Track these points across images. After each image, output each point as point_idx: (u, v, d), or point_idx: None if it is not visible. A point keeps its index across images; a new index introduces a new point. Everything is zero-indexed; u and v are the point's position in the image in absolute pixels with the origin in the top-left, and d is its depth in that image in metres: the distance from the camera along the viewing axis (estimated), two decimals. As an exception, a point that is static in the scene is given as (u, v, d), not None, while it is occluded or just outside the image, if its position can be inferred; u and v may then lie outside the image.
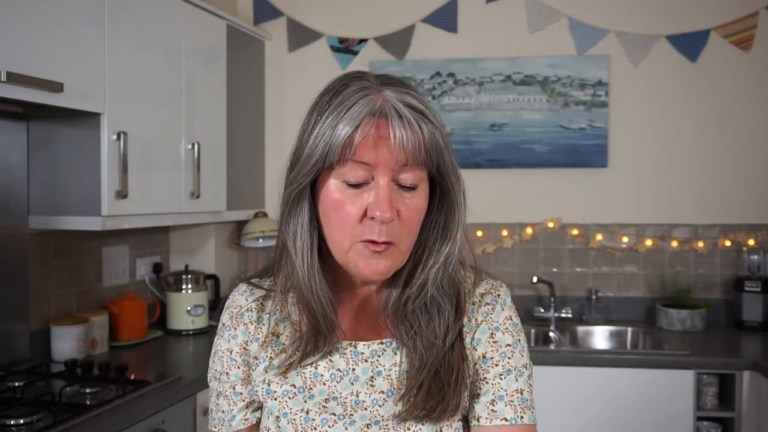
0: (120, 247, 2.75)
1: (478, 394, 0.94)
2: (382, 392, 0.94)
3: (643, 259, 3.16)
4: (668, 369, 2.55)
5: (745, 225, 3.09)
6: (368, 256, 0.88)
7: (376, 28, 3.27)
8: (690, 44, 3.08)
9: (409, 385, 0.91)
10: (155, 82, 2.41)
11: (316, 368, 0.95)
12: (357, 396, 0.94)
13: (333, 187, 0.88)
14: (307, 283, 0.91)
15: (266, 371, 0.96)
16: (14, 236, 2.23)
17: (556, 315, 3.09)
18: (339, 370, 0.94)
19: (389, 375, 0.94)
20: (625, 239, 3.16)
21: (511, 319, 0.98)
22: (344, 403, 0.94)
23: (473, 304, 0.98)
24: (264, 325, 0.98)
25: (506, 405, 0.93)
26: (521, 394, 0.94)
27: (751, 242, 3.05)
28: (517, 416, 0.93)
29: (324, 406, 0.94)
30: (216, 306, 3.06)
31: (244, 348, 0.99)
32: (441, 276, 0.92)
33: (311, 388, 0.94)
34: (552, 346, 2.87)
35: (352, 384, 0.94)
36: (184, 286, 2.88)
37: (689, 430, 2.52)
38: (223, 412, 1.01)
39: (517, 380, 0.95)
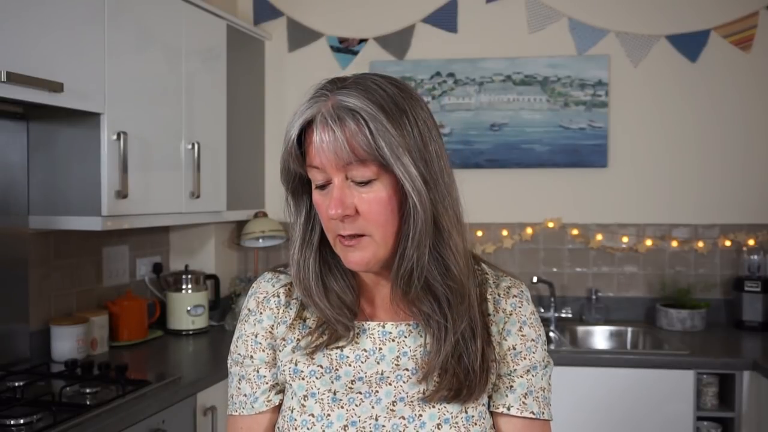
0: (120, 247, 2.75)
1: (512, 386, 1.00)
2: (407, 369, 0.98)
3: (643, 259, 3.16)
4: (668, 369, 2.55)
5: (745, 225, 3.09)
6: (344, 249, 0.95)
7: (376, 28, 3.27)
8: (690, 44, 3.08)
9: (430, 368, 0.95)
10: (155, 82, 2.41)
11: (341, 350, 0.99)
12: (382, 374, 0.98)
13: (314, 190, 0.95)
14: (302, 275, 0.99)
15: (293, 351, 1.00)
16: (14, 236, 2.23)
17: (556, 315, 3.09)
18: (365, 350, 0.99)
19: (414, 355, 0.98)
20: (625, 239, 3.16)
21: (535, 314, 1.04)
22: (369, 381, 0.98)
23: (499, 295, 1.02)
24: (291, 309, 1.03)
25: (534, 400, 1.01)
26: (544, 391, 1.02)
27: (751, 242, 3.05)
28: (541, 411, 1.01)
29: (350, 387, 0.98)
30: (216, 306, 3.06)
31: (270, 332, 1.03)
32: (426, 264, 0.93)
33: (337, 369, 0.98)
34: (552, 346, 2.87)
35: (378, 363, 0.98)
36: (184, 286, 2.88)
37: (689, 430, 2.52)
38: (245, 395, 1.03)
39: (542, 378, 1.02)
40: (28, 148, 2.24)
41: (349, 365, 0.98)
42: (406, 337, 0.99)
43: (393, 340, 0.99)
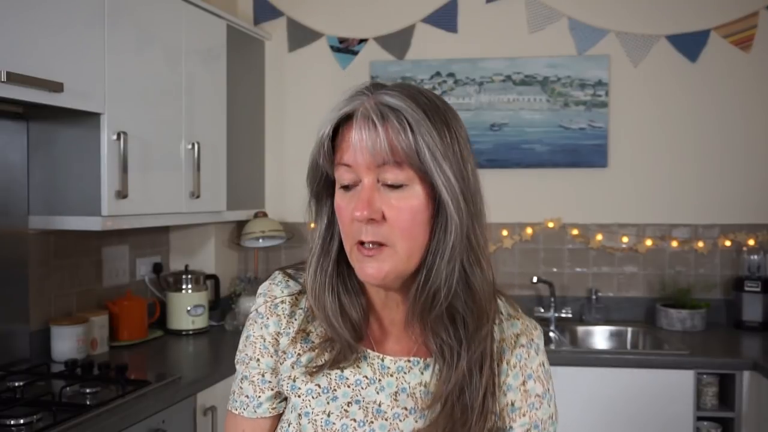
0: (120, 247, 2.75)
1: None
2: (405, 408, 0.94)
3: (643, 259, 3.16)
4: (668, 369, 2.55)
5: (745, 225, 3.09)
6: (361, 259, 0.89)
7: (376, 28, 3.27)
8: (690, 44, 3.08)
9: (435, 397, 0.90)
10: (155, 82, 2.41)
11: (342, 371, 0.95)
12: (379, 406, 0.94)
13: (337, 193, 0.91)
14: (316, 290, 0.94)
15: (293, 367, 0.97)
16: (14, 236, 2.23)
17: (556, 315, 3.09)
18: (366, 377, 0.95)
19: (414, 393, 0.94)
20: (625, 239, 3.16)
21: (543, 366, 0.98)
22: (366, 408, 0.94)
23: (505, 342, 0.96)
24: (296, 320, 0.99)
25: None
26: None
27: (751, 242, 3.05)
28: None
29: (346, 410, 0.94)
30: (216, 306, 3.06)
31: (275, 339, 0.99)
32: (455, 283, 0.87)
33: (335, 390, 0.95)
34: (552, 346, 2.87)
35: (377, 393, 0.94)
36: (184, 286, 2.88)
37: (689, 430, 2.52)
38: (247, 396, 1.01)
39: None
40: (28, 148, 2.24)
41: (348, 386, 0.95)
42: (405, 373, 0.95)
43: (391, 375, 0.95)
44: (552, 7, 3.17)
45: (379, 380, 0.95)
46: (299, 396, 0.96)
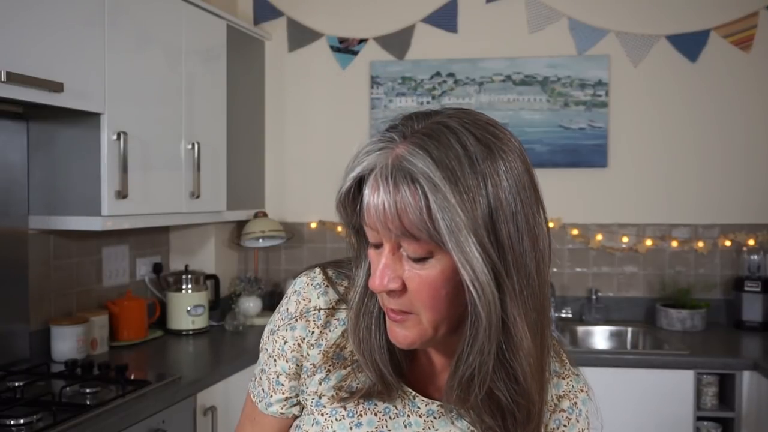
0: (120, 247, 2.75)
1: None
2: None
3: (643, 259, 3.16)
4: (668, 369, 2.55)
5: (745, 225, 3.09)
6: (390, 323, 0.81)
7: (376, 28, 3.27)
8: (690, 44, 3.08)
9: None
10: (155, 82, 2.41)
11: (371, 398, 0.88)
12: None
13: (370, 246, 0.82)
14: (360, 335, 0.85)
15: (320, 383, 0.90)
16: (14, 236, 2.23)
17: (556, 315, 3.09)
18: (395, 407, 0.88)
19: None
20: (625, 239, 3.16)
21: (587, 429, 0.90)
22: None
23: (546, 405, 0.85)
24: (330, 332, 0.90)
25: None
26: None
27: (751, 242, 3.05)
28: None
29: None
30: (216, 306, 3.06)
31: (298, 344, 0.91)
32: (490, 371, 0.76)
33: (361, 416, 0.88)
34: (552, 346, 2.87)
35: (405, 428, 0.87)
36: (184, 286, 2.88)
37: (689, 430, 2.52)
38: (263, 390, 0.97)
39: None
40: (28, 148, 2.24)
41: (375, 414, 0.87)
42: (435, 418, 0.86)
43: (420, 416, 0.87)
44: (552, 7, 3.17)
45: (408, 416, 0.87)
46: (322, 415, 0.89)
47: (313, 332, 0.91)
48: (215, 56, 2.80)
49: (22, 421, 1.68)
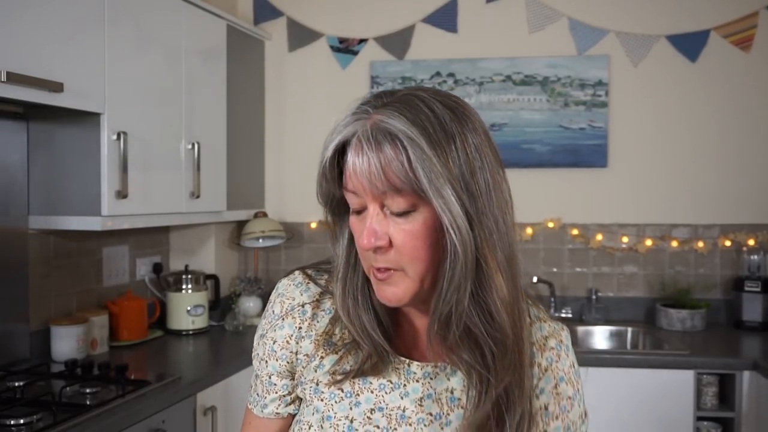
0: (120, 247, 2.75)
1: None
2: (430, 414, 0.92)
3: (643, 259, 3.16)
4: (668, 369, 2.55)
5: (745, 225, 3.09)
6: (376, 282, 0.88)
7: (376, 28, 3.27)
8: (690, 44, 3.09)
9: (469, 424, 0.87)
10: (155, 82, 2.41)
11: (366, 376, 0.93)
12: (403, 411, 0.92)
13: (351, 213, 0.88)
14: (349, 308, 0.91)
15: (316, 370, 0.95)
16: (14, 236, 2.23)
17: (556, 315, 3.09)
18: (390, 381, 0.93)
19: (439, 398, 0.92)
20: (625, 239, 3.16)
21: (574, 367, 0.97)
22: (389, 415, 0.92)
23: (535, 346, 0.94)
24: (318, 322, 0.96)
25: None
26: None
27: (751, 242, 3.05)
28: None
29: (369, 417, 0.92)
30: (216, 306, 3.06)
31: (287, 342, 0.96)
32: (466, 308, 0.84)
33: (359, 395, 0.93)
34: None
35: (401, 398, 0.92)
36: (184, 286, 2.88)
37: (689, 430, 2.52)
38: (257, 394, 1.01)
39: None
40: (28, 148, 2.24)
41: (372, 392, 0.93)
42: (432, 378, 0.93)
43: (417, 381, 0.92)
44: (552, 7, 3.17)
45: (404, 385, 0.92)
46: (322, 400, 0.94)
47: (300, 327, 0.96)
48: (215, 56, 2.80)
49: (22, 421, 1.69)
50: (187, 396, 2.12)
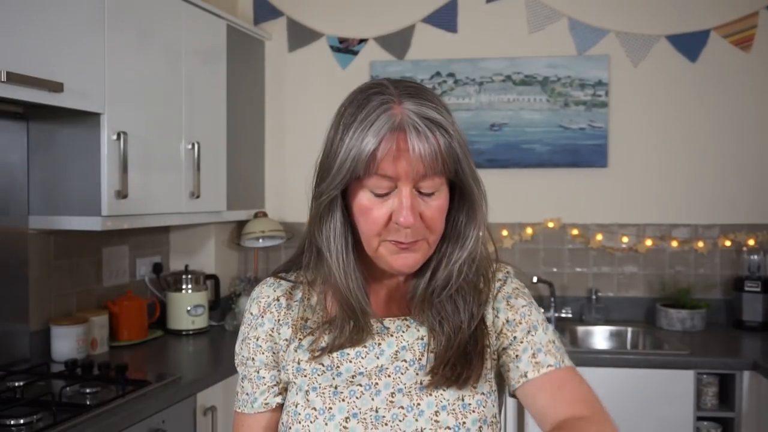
0: (120, 247, 2.75)
1: (517, 355, 1.01)
2: (405, 361, 1.00)
3: (643, 259, 3.16)
4: (668, 369, 2.55)
5: (745, 225, 3.09)
6: (396, 252, 0.96)
7: (376, 28, 3.27)
8: (690, 44, 3.08)
9: (437, 363, 0.98)
10: (155, 82, 2.41)
11: (342, 348, 1.01)
12: (381, 367, 1.00)
13: (362, 195, 0.95)
14: (345, 282, 0.99)
15: (296, 351, 1.03)
16: (14, 236, 2.23)
17: (556, 315, 3.09)
18: (365, 346, 1.01)
19: (412, 347, 1.01)
20: (625, 239, 3.16)
21: (519, 288, 1.08)
22: (369, 374, 1.00)
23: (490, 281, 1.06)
24: (293, 310, 1.06)
25: (546, 354, 1.01)
26: (554, 343, 1.03)
27: (751, 242, 3.05)
28: (559, 361, 1.01)
29: (351, 381, 1.00)
30: (216, 306, 3.06)
31: (270, 335, 1.05)
32: (466, 269, 0.99)
33: (338, 366, 1.00)
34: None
35: (377, 358, 1.00)
36: (184, 286, 2.88)
37: (689, 430, 2.52)
38: (247, 395, 1.08)
39: (545, 333, 1.03)
40: (28, 148, 2.24)
41: (350, 362, 1.00)
42: (403, 332, 1.02)
43: (391, 335, 1.02)
44: (552, 7, 3.17)
45: (379, 344, 1.01)
46: (305, 376, 1.01)
47: (278, 319, 1.06)
48: (215, 56, 2.80)
49: (22, 421, 1.69)
50: (187, 396, 2.12)
